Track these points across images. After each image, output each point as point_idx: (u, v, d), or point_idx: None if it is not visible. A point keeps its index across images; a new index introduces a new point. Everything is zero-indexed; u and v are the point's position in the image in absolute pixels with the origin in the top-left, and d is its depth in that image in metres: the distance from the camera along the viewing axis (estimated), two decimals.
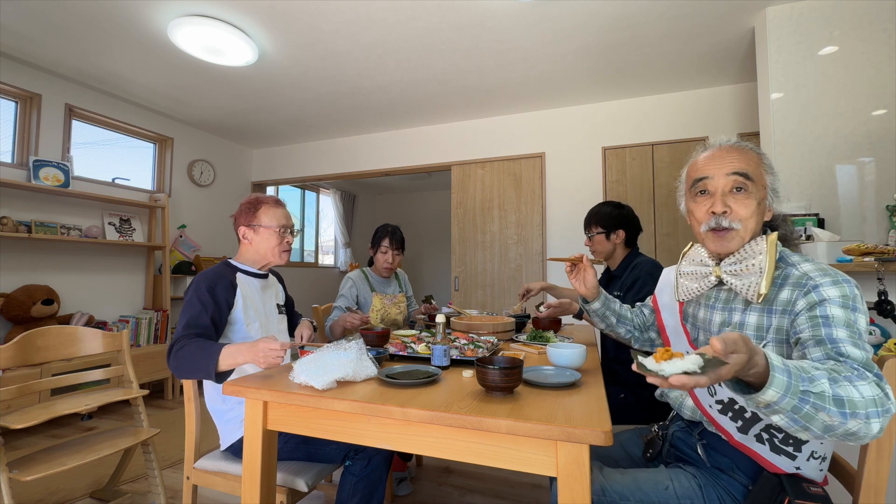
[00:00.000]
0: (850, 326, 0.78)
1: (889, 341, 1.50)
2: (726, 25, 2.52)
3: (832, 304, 0.81)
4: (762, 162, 0.94)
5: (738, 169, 0.92)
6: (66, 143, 3.22)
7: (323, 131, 4.38)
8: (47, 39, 2.67)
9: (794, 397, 0.65)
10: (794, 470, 0.86)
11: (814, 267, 0.87)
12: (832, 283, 0.83)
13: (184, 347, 1.22)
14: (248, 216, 1.51)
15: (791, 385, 0.65)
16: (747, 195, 0.91)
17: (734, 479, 0.92)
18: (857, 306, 0.81)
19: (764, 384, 0.65)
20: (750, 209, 0.91)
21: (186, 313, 1.31)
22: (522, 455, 0.83)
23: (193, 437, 1.38)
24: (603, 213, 1.86)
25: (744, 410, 0.90)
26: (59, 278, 3.12)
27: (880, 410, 0.67)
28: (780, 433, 0.86)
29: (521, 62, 2.95)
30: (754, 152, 0.95)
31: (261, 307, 1.49)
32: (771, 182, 0.94)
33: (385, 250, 2.22)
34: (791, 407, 0.66)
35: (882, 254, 1.53)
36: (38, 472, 1.38)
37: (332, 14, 2.40)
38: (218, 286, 1.37)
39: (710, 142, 1.01)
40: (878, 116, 2.11)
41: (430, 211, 7.18)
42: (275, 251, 1.51)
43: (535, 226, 3.75)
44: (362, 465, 1.27)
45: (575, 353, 1.20)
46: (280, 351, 1.13)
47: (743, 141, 0.97)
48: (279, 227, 1.51)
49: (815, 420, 0.66)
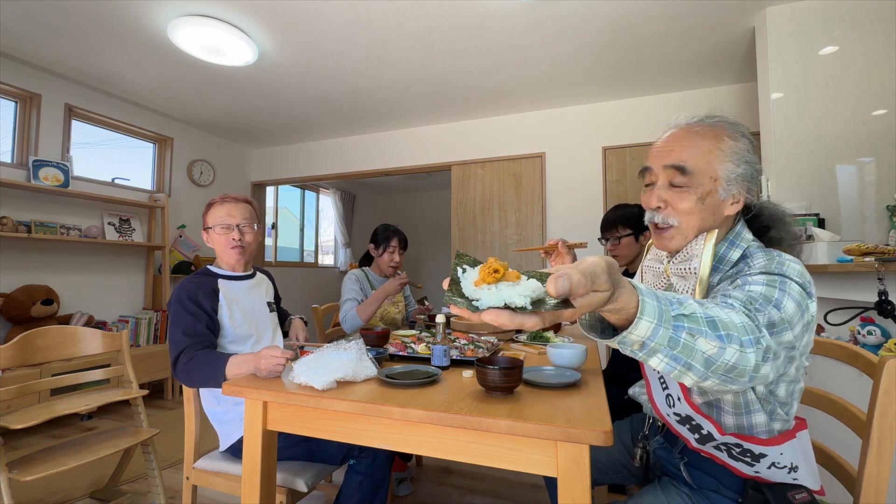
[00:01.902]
0: (766, 298, 0.70)
1: (889, 341, 1.50)
2: (726, 25, 2.52)
3: (756, 285, 0.72)
4: (717, 148, 0.80)
5: (675, 161, 0.81)
6: (65, 143, 3.22)
7: (323, 131, 4.37)
8: (47, 39, 2.67)
9: (668, 326, 0.54)
10: (754, 474, 0.83)
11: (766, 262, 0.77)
12: (763, 271, 0.75)
13: (191, 360, 1.25)
14: (204, 221, 1.50)
15: (662, 311, 0.54)
16: (681, 190, 0.81)
17: (723, 496, 0.89)
18: (787, 290, 0.71)
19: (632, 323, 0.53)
20: (688, 203, 0.80)
21: (178, 325, 1.31)
22: (522, 455, 0.83)
23: (193, 438, 1.38)
24: (630, 214, 1.76)
25: (700, 427, 0.83)
26: (59, 278, 3.12)
27: (752, 339, 0.60)
28: (736, 448, 0.81)
29: (521, 62, 2.95)
30: (711, 135, 0.81)
31: (248, 307, 1.48)
32: (728, 172, 0.80)
33: (393, 250, 2.24)
34: (668, 340, 0.54)
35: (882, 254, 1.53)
36: (38, 472, 1.38)
37: (332, 14, 2.40)
38: (199, 295, 1.36)
39: (670, 121, 0.89)
40: (878, 116, 2.11)
41: (430, 211, 7.18)
42: (223, 250, 1.47)
43: (535, 226, 3.74)
44: (367, 462, 1.27)
45: (575, 353, 1.20)
46: (282, 359, 1.13)
47: (711, 117, 0.84)
48: (220, 225, 1.45)
49: (695, 352, 0.56)
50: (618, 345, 0.56)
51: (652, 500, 0.95)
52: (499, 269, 0.47)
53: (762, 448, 0.81)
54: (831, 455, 0.97)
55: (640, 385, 1.10)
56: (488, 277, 0.47)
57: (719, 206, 0.81)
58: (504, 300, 0.45)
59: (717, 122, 0.83)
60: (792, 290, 0.71)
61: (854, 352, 0.97)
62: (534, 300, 0.46)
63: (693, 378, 0.59)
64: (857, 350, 0.97)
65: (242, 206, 1.51)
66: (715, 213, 0.81)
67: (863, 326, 1.56)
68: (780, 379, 0.81)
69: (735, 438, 0.82)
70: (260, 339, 1.48)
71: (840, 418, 0.95)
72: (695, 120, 0.84)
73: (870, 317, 1.57)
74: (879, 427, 0.83)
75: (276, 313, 1.61)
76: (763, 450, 0.81)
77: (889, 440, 0.82)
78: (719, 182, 0.80)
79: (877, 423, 0.83)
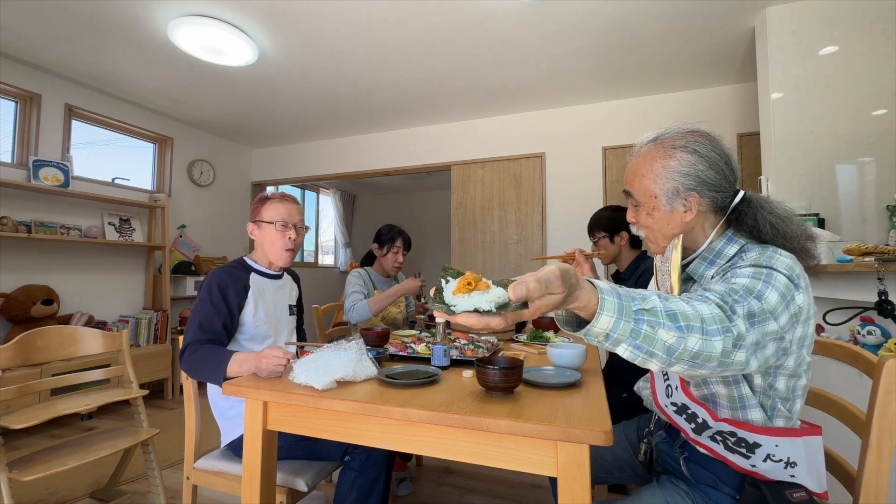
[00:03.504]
0: (748, 290, 0.72)
1: (889, 341, 1.50)
2: (726, 25, 2.52)
3: (741, 277, 0.76)
4: (650, 170, 0.88)
5: (625, 186, 0.96)
6: (65, 143, 3.22)
7: (323, 131, 4.38)
8: (47, 39, 2.67)
9: (629, 320, 0.61)
10: (750, 468, 0.84)
11: (756, 255, 0.81)
12: (751, 264, 0.78)
13: (196, 353, 1.26)
14: (254, 212, 1.50)
15: (623, 306, 0.62)
16: (637, 209, 0.95)
17: (721, 492, 0.90)
18: (773, 283, 0.74)
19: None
20: (643, 218, 0.93)
21: (199, 314, 1.32)
22: (522, 455, 0.83)
23: (193, 437, 1.39)
24: (604, 218, 1.89)
25: (696, 416, 0.87)
26: (59, 278, 3.12)
27: (719, 328, 0.64)
28: (731, 438, 0.83)
29: (521, 62, 2.95)
30: (649, 157, 0.89)
31: (272, 308, 1.48)
32: (661, 187, 0.87)
33: (397, 251, 2.25)
34: (629, 331, 0.62)
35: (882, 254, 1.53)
36: (38, 472, 1.38)
37: (332, 14, 2.40)
38: (229, 289, 1.37)
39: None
40: (878, 116, 2.11)
41: (430, 211, 7.18)
42: (276, 248, 1.47)
43: (535, 226, 3.75)
44: (361, 459, 1.27)
45: (575, 353, 1.20)
46: (283, 360, 1.13)
47: (657, 137, 0.91)
48: (278, 222, 1.46)
49: (656, 341, 0.62)
50: (583, 336, 0.64)
51: (650, 499, 0.95)
52: (471, 282, 0.58)
53: (756, 436, 0.82)
54: (831, 455, 0.97)
55: (645, 378, 1.12)
56: (463, 288, 0.58)
57: (671, 216, 0.89)
58: (474, 305, 0.57)
59: (658, 142, 0.91)
60: (777, 281, 0.74)
61: (854, 352, 0.97)
62: (499, 304, 0.57)
63: (657, 364, 0.65)
64: (856, 350, 0.97)
65: (298, 207, 1.55)
66: (670, 222, 0.90)
67: (863, 326, 1.56)
68: (777, 371, 0.81)
69: (729, 425, 0.83)
70: (277, 340, 1.48)
71: (840, 418, 0.95)
72: (645, 142, 0.93)
73: (869, 317, 1.57)
74: (879, 427, 0.83)
75: (295, 317, 1.61)
76: (757, 438, 0.82)
77: (889, 440, 0.82)
78: (658, 198, 0.89)
79: (876, 422, 0.83)
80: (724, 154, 0.87)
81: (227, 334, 1.36)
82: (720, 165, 0.86)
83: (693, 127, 0.90)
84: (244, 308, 1.40)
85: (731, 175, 0.88)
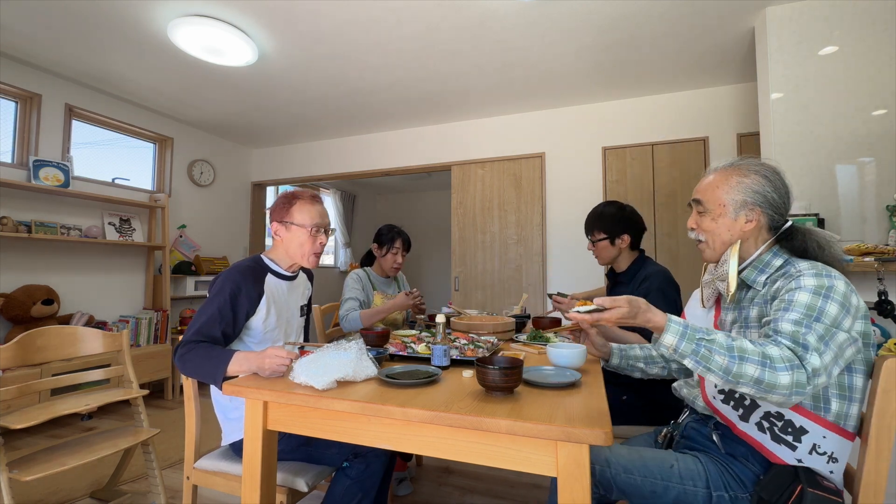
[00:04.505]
0: (810, 309, 0.84)
1: (889, 341, 1.50)
2: (726, 25, 2.52)
3: (803, 291, 0.87)
4: (725, 183, 1.05)
5: (694, 196, 1.11)
6: (66, 143, 3.22)
7: (323, 131, 4.38)
8: (47, 39, 2.67)
9: (690, 342, 0.83)
10: (796, 462, 0.87)
11: (810, 265, 0.92)
12: (814, 275, 0.88)
13: (190, 352, 1.22)
14: (281, 211, 1.43)
15: (686, 333, 0.84)
16: (702, 215, 1.09)
17: (747, 467, 0.95)
18: (833, 296, 0.85)
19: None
20: (706, 223, 1.07)
21: (204, 316, 1.28)
22: (522, 455, 0.83)
23: (193, 437, 1.38)
24: (606, 215, 1.80)
25: (743, 399, 0.96)
26: (59, 278, 3.12)
27: (789, 365, 0.78)
28: (779, 421, 0.90)
29: (520, 62, 2.95)
30: (725, 174, 1.06)
31: (284, 311, 1.45)
32: (732, 197, 1.03)
33: (396, 251, 2.24)
34: (691, 350, 0.83)
35: (882, 254, 1.53)
36: (38, 472, 1.38)
37: (332, 14, 2.40)
38: (242, 294, 1.31)
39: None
40: (878, 116, 2.11)
41: (430, 211, 7.18)
42: (304, 252, 1.42)
43: (535, 226, 3.75)
44: (360, 468, 1.26)
45: (575, 353, 1.20)
46: (286, 360, 1.12)
47: (734, 162, 1.07)
48: (312, 227, 1.41)
49: (712, 360, 0.81)
50: (652, 342, 0.86)
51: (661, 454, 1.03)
52: (586, 301, 0.94)
53: (804, 420, 0.87)
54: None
55: (686, 382, 1.20)
56: (582, 304, 0.94)
57: (733, 224, 1.04)
58: (586, 310, 0.93)
59: (733, 165, 1.07)
60: (836, 293, 0.85)
61: None
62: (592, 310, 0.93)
63: (716, 378, 0.82)
64: None
65: (325, 209, 1.49)
66: (731, 229, 1.04)
67: None
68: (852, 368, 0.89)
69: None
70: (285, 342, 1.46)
71: None
72: (723, 164, 1.10)
73: (870, 317, 1.56)
74: (878, 426, 0.83)
75: (304, 318, 1.59)
76: (804, 423, 0.87)
77: (887, 439, 0.82)
78: (726, 207, 1.04)
79: (875, 421, 0.83)
80: (787, 186, 1.03)
81: (224, 341, 1.31)
82: (782, 192, 1.02)
83: (767, 160, 1.08)
84: (254, 315, 1.36)
85: (788, 204, 1.04)
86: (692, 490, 0.96)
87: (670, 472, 0.98)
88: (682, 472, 0.98)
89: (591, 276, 3.53)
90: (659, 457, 1.02)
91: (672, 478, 0.97)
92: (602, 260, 1.85)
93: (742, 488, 0.93)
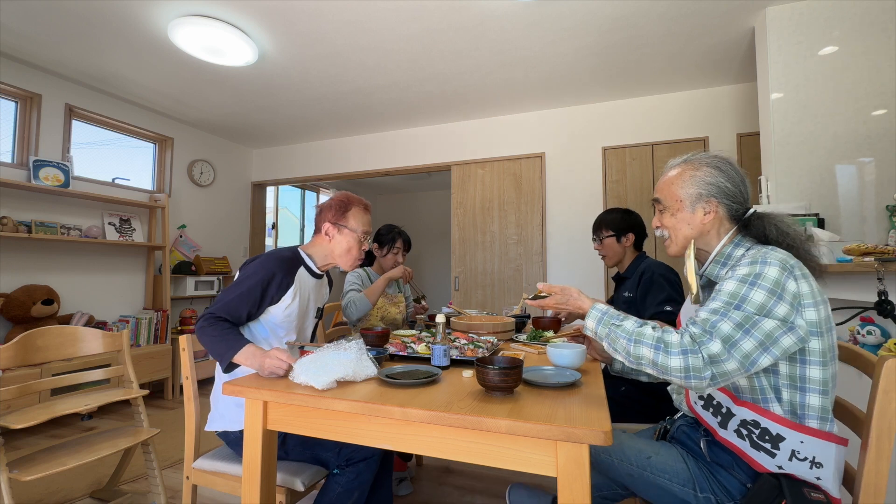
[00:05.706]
0: (732, 297, 0.87)
1: (889, 341, 1.50)
2: (726, 25, 2.52)
3: (731, 280, 0.90)
4: (679, 179, 1.08)
5: (654, 195, 1.15)
6: (66, 143, 3.22)
7: (323, 131, 4.38)
8: (47, 39, 2.67)
9: (605, 326, 0.95)
10: (776, 469, 0.87)
11: (756, 252, 0.93)
12: (748, 263, 0.90)
13: (211, 326, 1.26)
14: (336, 213, 1.48)
15: (603, 319, 0.96)
16: (663, 213, 1.12)
17: (733, 475, 0.94)
18: (760, 283, 0.86)
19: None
20: (667, 219, 1.10)
21: (234, 292, 1.31)
22: (522, 455, 0.83)
23: (193, 437, 1.38)
24: (612, 218, 1.94)
25: (720, 406, 0.98)
26: (59, 278, 3.12)
27: (681, 350, 0.84)
28: (756, 429, 0.90)
29: (520, 62, 2.95)
30: (678, 171, 1.09)
31: (304, 307, 1.48)
32: (687, 192, 1.05)
33: (397, 251, 2.25)
34: (605, 334, 0.94)
35: (882, 254, 1.53)
36: (38, 472, 1.38)
37: (332, 14, 2.40)
38: (273, 283, 1.35)
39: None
40: (878, 116, 2.11)
41: (430, 211, 7.18)
42: (348, 256, 1.48)
43: (535, 226, 3.75)
44: (349, 477, 1.26)
45: (575, 353, 1.20)
46: (285, 364, 1.14)
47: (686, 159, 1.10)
48: (363, 234, 1.49)
49: (618, 342, 0.92)
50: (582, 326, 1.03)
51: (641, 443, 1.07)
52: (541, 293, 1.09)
53: (780, 428, 0.86)
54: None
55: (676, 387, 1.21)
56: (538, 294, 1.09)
57: (692, 217, 1.06)
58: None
59: (686, 161, 1.10)
60: (764, 280, 0.86)
61: (853, 351, 0.97)
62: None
63: (621, 357, 0.92)
64: (856, 350, 0.97)
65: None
66: (690, 223, 1.06)
67: (862, 326, 1.56)
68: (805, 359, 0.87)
69: (751, 412, 0.89)
70: (298, 339, 1.48)
71: (839, 418, 0.95)
72: (677, 162, 1.13)
73: (869, 317, 1.57)
74: (878, 426, 0.83)
75: (318, 320, 1.62)
76: (781, 430, 0.86)
77: (888, 439, 0.82)
78: (683, 202, 1.07)
79: (875, 422, 0.83)
80: (740, 175, 1.05)
81: (246, 321, 1.36)
82: (737, 181, 1.04)
83: (718, 152, 1.10)
84: (279, 302, 1.38)
85: (745, 191, 1.05)
86: (666, 483, 0.99)
87: (647, 462, 1.03)
88: (659, 465, 1.01)
89: (591, 275, 3.53)
90: (637, 446, 1.07)
91: (647, 467, 1.02)
92: (609, 259, 1.96)
93: (728, 496, 0.93)
